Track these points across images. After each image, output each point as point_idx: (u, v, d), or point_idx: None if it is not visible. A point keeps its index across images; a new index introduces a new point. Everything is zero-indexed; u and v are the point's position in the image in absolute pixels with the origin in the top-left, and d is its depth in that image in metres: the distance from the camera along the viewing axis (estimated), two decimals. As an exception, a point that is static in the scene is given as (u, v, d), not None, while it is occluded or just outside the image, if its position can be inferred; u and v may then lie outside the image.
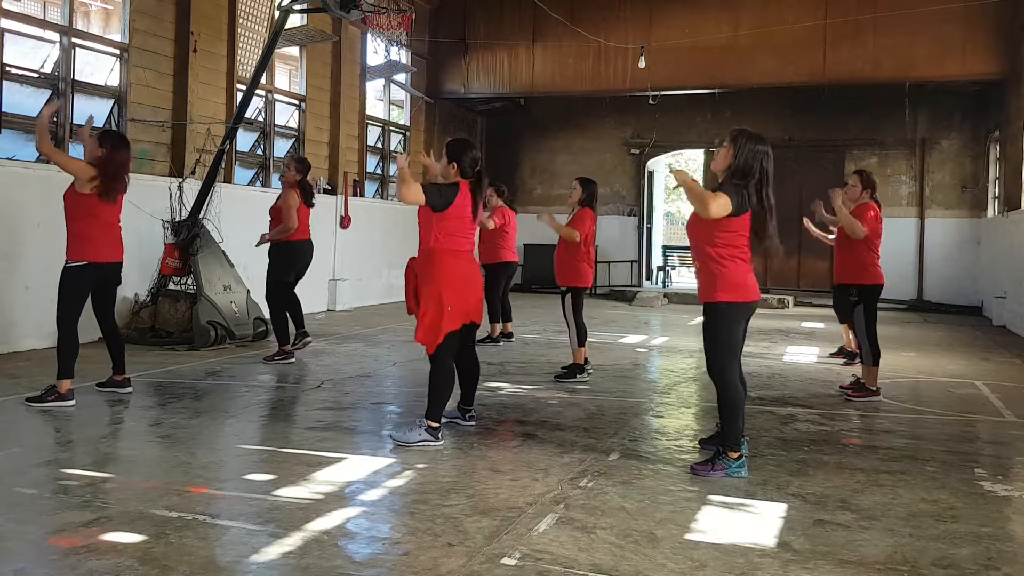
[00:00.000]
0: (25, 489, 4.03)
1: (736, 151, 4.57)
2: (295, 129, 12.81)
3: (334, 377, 7.25)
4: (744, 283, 4.60)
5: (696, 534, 3.65)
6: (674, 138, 18.07)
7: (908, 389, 7.40)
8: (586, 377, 7.34)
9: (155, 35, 9.92)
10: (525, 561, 3.28)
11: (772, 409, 6.35)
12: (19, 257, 7.98)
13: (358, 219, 13.56)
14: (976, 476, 4.65)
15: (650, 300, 15.87)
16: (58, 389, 5.79)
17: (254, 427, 5.65)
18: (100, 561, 3.18)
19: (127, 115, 9.57)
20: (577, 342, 7.35)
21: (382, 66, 14.80)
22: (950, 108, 16.19)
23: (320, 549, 3.37)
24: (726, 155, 4.62)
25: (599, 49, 15.27)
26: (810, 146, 16.83)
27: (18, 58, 8.67)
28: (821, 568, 3.30)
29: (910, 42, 13.95)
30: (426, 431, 5.01)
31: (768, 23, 14.28)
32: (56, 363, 5.80)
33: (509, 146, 18.91)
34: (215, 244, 9.12)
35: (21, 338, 8.03)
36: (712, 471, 4.50)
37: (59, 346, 5.84)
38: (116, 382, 6.25)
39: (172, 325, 8.76)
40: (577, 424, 5.71)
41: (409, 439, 5.00)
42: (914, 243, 16.21)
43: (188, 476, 4.31)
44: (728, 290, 4.56)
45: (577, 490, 4.21)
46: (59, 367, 5.80)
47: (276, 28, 9.75)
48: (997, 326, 12.81)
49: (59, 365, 5.80)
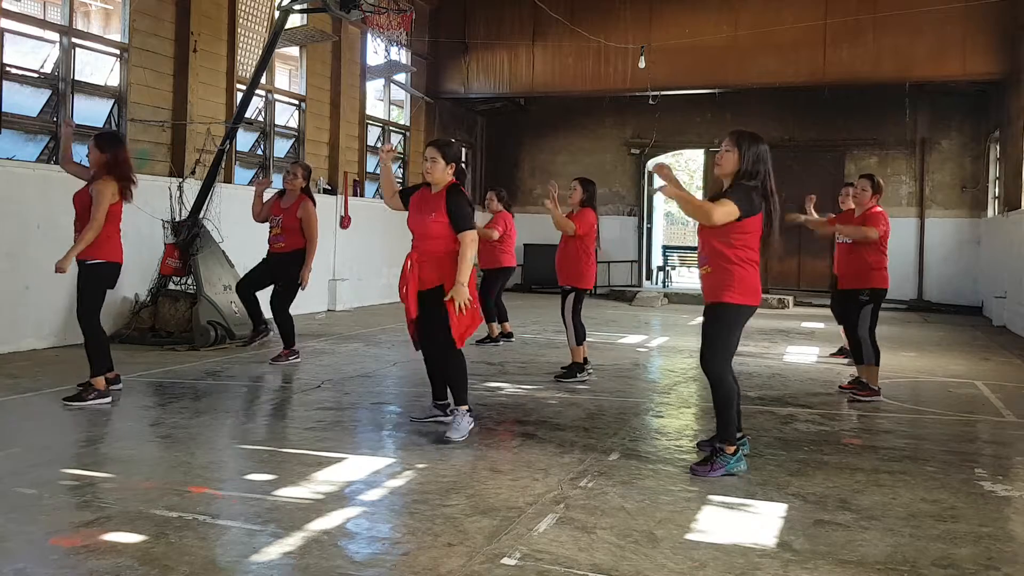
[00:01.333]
0: (25, 489, 4.03)
1: (742, 154, 4.58)
2: (295, 129, 12.81)
3: (334, 377, 7.24)
4: (755, 287, 4.64)
5: (696, 534, 3.65)
6: (674, 138, 18.08)
7: (908, 389, 7.40)
8: (586, 376, 7.35)
9: (155, 35, 9.92)
10: (525, 561, 3.28)
11: (772, 409, 6.35)
12: (19, 257, 7.97)
13: (358, 219, 13.56)
14: (976, 476, 4.65)
15: (650, 300, 15.88)
16: (96, 387, 5.88)
17: (254, 427, 5.66)
18: (100, 561, 3.18)
19: (127, 115, 9.57)
20: (575, 341, 7.35)
21: (382, 66, 14.80)
22: (950, 108, 16.20)
23: (320, 549, 3.37)
24: (732, 159, 4.61)
25: (599, 49, 15.27)
26: (810, 146, 16.84)
27: (18, 58, 8.68)
28: (821, 568, 3.30)
29: (910, 42, 13.96)
30: (468, 416, 5.28)
31: (768, 23, 14.29)
32: (89, 363, 5.89)
33: (509, 146, 18.92)
34: (215, 244, 9.12)
35: (21, 338, 8.03)
36: (711, 471, 4.50)
37: (91, 345, 5.91)
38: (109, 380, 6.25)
39: (172, 325, 8.76)
40: (577, 424, 5.71)
41: (463, 431, 5.20)
42: (914, 243, 16.22)
43: (188, 476, 4.30)
44: (740, 292, 4.57)
45: (577, 490, 4.21)
46: (95, 366, 5.90)
47: (276, 28, 9.76)
48: (997, 326, 12.82)
49: (95, 364, 5.90)
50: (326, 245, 11.93)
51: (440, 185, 5.30)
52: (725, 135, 4.75)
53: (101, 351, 5.94)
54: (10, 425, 5.32)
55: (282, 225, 7.77)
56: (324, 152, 13.37)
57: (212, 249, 9.06)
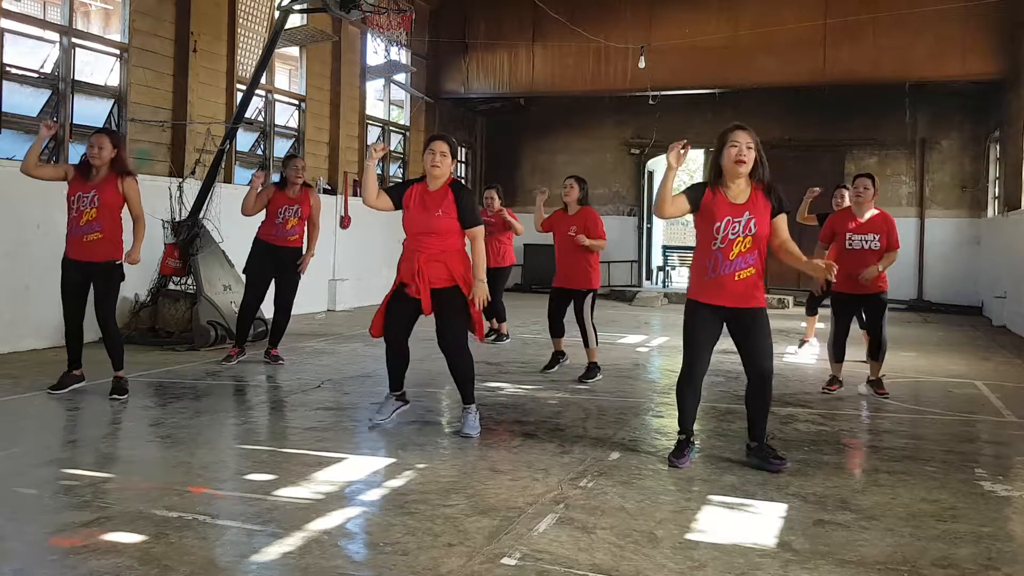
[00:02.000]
0: (26, 489, 4.03)
1: (760, 152, 4.57)
2: (295, 129, 12.81)
3: (334, 377, 7.24)
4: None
5: (696, 534, 3.65)
6: (674, 138, 17.71)
7: (908, 389, 7.40)
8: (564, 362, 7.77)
9: (155, 35, 9.92)
10: (525, 561, 3.28)
11: (772, 409, 6.30)
12: (19, 257, 7.97)
13: (358, 219, 13.55)
14: (976, 476, 4.65)
15: (650, 300, 15.88)
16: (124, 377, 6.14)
17: (254, 427, 5.66)
18: (100, 561, 3.18)
19: (127, 115, 9.57)
20: (595, 342, 7.45)
21: (382, 66, 14.80)
22: (950, 108, 16.18)
23: (320, 549, 3.37)
24: (754, 158, 4.54)
25: (599, 49, 15.27)
26: (810, 146, 16.83)
27: (18, 58, 8.67)
28: (821, 568, 3.30)
29: (910, 42, 13.95)
30: (478, 412, 5.41)
31: (768, 23, 14.28)
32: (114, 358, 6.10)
33: (509, 146, 18.91)
34: (215, 244, 9.12)
35: (21, 338, 8.03)
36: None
37: (116, 342, 6.10)
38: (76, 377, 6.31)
39: (172, 325, 8.76)
40: (577, 424, 5.71)
41: (478, 427, 5.30)
42: (914, 243, 16.20)
43: (188, 476, 4.31)
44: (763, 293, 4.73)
45: (577, 490, 4.21)
46: (120, 360, 6.12)
47: (276, 28, 9.76)
48: (997, 326, 12.81)
49: (120, 359, 6.12)
50: (326, 245, 11.95)
51: (440, 180, 5.28)
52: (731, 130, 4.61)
53: (121, 345, 6.18)
54: (10, 425, 5.32)
55: (300, 215, 7.72)
56: (324, 152, 13.37)
57: (212, 249, 9.05)
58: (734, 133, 4.60)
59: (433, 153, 5.23)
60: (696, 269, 4.77)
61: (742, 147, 4.54)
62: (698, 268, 4.73)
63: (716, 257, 4.57)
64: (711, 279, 4.60)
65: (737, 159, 4.54)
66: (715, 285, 4.60)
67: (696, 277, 4.75)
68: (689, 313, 4.74)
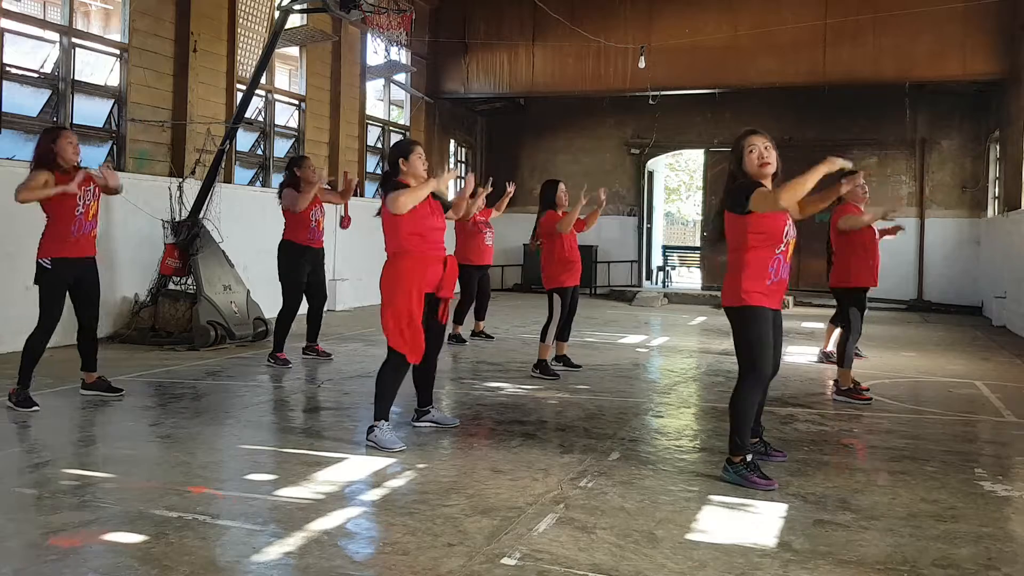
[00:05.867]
0: (25, 489, 4.03)
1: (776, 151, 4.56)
2: (295, 129, 12.81)
3: (334, 377, 7.24)
4: None
5: (696, 534, 3.65)
6: (674, 138, 18.07)
7: (908, 389, 7.40)
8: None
9: (155, 35, 9.92)
10: (525, 561, 3.28)
11: (772, 409, 6.33)
12: (19, 257, 7.96)
13: (358, 219, 13.51)
14: (976, 476, 4.65)
15: (650, 300, 15.88)
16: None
17: (254, 427, 5.65)
18: (100, 561, 3.18)
19: (127, 115, 9.57)
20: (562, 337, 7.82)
21: (382, 66, 14.80)
22: (950, 108, 16.18)
23: (320, 549, 3.37)
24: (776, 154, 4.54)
25: (599, 49, 15.27)
26: (810, 146, 16.76)
27: (18, 58, 8.68)
28: (821, 568, 3.30)
29: (910, 42, 13.96)
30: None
31: (768, 23, 14.28)
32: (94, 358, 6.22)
33: (509, 146, 18.90)
34: (215, 244, 9.12)
35: (21, 338, 7.99)
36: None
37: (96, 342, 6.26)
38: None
39: (172, 325, 8.76)
40: (577, 424, 5.71)
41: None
42: (914, 243, 16.19)
43: (188, 476, 4.31)
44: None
45: (577, 490, 4.21)
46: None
47: (276, 28, 9.76)
48: (997, 326, 12.81)
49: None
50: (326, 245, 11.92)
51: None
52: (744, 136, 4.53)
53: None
54: (10, 425, 5.32)
55: (323, 215, 7.98)
56: (324, 152, 13.36)
57: (212, 249, 9.06)
58: (748, 138, 4.49)
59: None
60: (755, 275, 4.39)
61: (760, 148, 4.46)
62: (758, 273, 4.39)
63: (779, 260, 4.41)
64: (775, 283, 4.42)
65: (762, 162, 4.45)
66: (778, 289, 4.46)
67: (757, 282, 4.39)
68: (759, 321, 4.41)
